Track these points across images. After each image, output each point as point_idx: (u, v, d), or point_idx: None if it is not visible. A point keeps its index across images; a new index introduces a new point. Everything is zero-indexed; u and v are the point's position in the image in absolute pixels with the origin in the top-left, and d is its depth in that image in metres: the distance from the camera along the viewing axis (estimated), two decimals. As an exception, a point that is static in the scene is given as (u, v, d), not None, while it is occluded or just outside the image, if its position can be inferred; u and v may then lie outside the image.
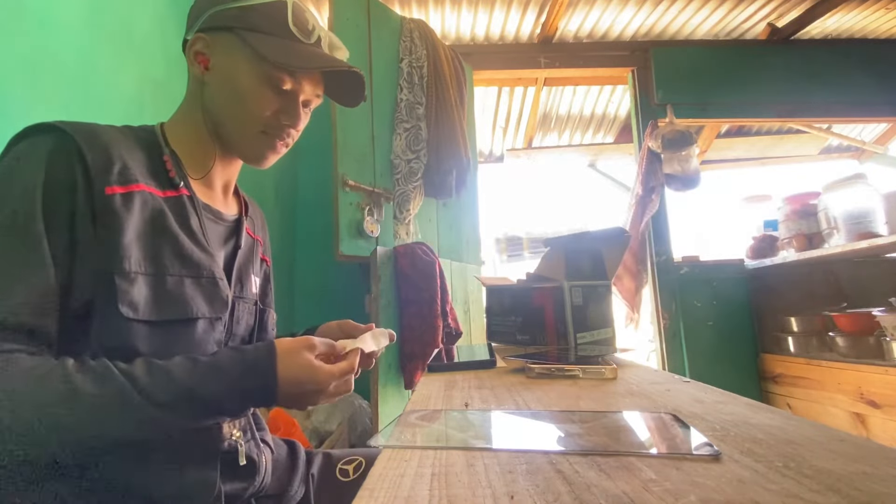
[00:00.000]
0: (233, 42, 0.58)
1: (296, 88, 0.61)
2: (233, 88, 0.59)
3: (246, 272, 0.67)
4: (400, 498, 0.27)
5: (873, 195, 1.89)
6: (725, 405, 0.46)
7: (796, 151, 3.34)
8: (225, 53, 0.59)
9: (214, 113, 0.61)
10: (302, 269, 2.22)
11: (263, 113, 0.59)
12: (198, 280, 0.56)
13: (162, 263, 0.53)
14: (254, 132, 0.61)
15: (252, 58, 0.58)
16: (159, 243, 0.53)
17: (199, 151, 0.62)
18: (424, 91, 1.86)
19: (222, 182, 0.67)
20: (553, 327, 0.79)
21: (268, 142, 0.62)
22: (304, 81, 0.61)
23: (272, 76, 0.58)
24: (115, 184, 0.50)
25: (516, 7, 2.26)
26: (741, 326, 2.25)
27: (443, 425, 0.43)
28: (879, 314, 1.65)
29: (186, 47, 0.61)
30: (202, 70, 0.60)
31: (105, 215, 0.49)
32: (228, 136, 0.62)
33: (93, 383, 0.44)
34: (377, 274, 1.50)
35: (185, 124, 0.62)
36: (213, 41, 0.59)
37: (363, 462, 0.77)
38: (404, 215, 1.75)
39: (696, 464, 0.30)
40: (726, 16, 2.39)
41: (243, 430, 0.62)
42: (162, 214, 0.54)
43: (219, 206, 0.65)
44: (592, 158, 3.45)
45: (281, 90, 0.59)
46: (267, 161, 0.64)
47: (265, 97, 0.59)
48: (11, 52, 0.75)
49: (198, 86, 0.61)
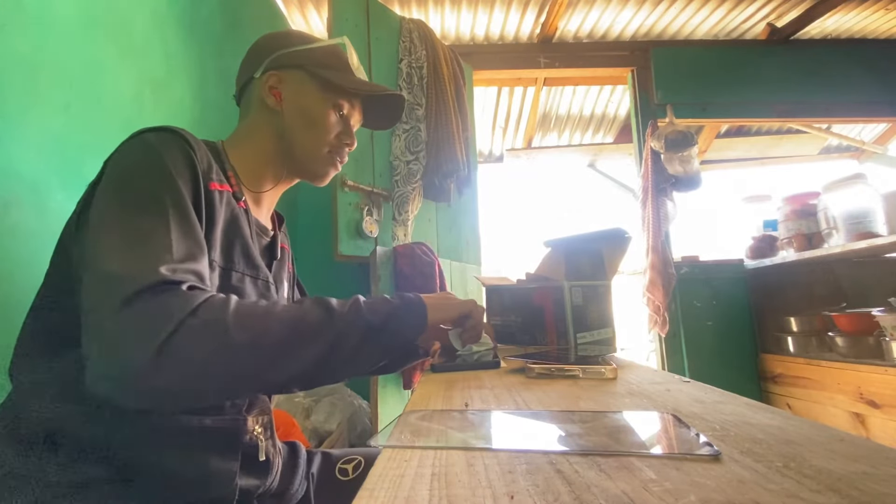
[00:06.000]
0: (303, 77, 0.69)
1: (350, 113, 0.72)
2: (306, 115, 0.69)
3: (280, 281, 0.73)
4: (400, 498, 0.27)
5: (873, 195, 1.88)
6: (725, 405, 0.46)
7: (796, 151, 3.34)
8: (298, 86, 0.69)
9: (287, 138, 0.69)
10: (301, 269, 2.21)
11: (330, 135, 0.70)
12: (255, 280, 0.63)
13: (232, 259, 0.60)
14: (322, 152, 0.70)
15: (321, 88, 0.69)
16: (233, 241, 0.60)
17: (259, 172, 0.69)
18: (424, 92, 1.86)
19: (269, 203, 0.74)
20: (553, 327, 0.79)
21: (331, 160, 0.72)
22: (356, 108, 0.73)
23: (336, 103, 0.70)
24: (214, 181, 0.58)
25: (516, 7, 2.25)
26: (741, 326, 2.25)
27: (443, 425, 0.43)
28: (879, 314, 1.65)
29: (254, 83, 0.70)
30: (276, 101, 0.68)
31: (209, 206, 0.56)
32: (300, 157, 0.70)
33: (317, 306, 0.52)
34: (376, 274, 1.50)
35: (250, 147, 0.69)
36: (284, 77, 0.69)
37: (362, 461, 0.77)
38: (403, 217, 1.75)
39: (696, 464, 0.30)
40: (726, 16, 2.39)
41: (264, 427, 0.64)
42: (237, 216, 0.62)
43: (264, 222, 0.71)
44: (592, 158, 3.45)
45: (341, 115, 0.71)
46: (328, 177, 0.74)
47: (331, 121, 0.70)
48: (11, 52, 0.75)
49: (268, 115, 0.69)
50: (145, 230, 0.47)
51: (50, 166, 0.81)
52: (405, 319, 0.56)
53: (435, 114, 1.84)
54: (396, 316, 0.55)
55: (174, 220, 0.49)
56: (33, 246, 0.76)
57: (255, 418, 0.61)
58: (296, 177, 0.74)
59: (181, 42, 1.25)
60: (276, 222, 0.77)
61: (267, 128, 0.69)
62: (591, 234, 0.96)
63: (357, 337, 0.52)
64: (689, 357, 2.22)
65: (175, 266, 0.46)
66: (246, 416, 0.59)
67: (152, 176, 0.51)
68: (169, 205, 0.50)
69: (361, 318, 0.53)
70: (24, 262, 0.75)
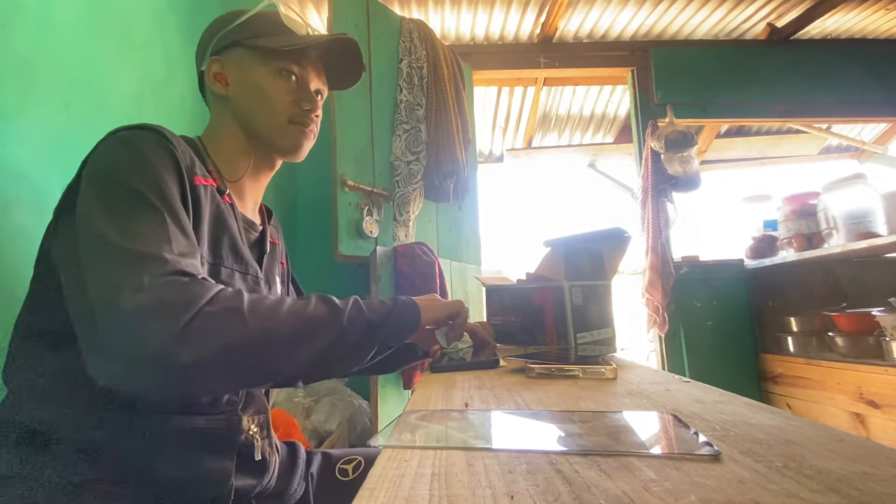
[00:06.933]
0: (242, 53, 0.66)
1: (304, 75, 0.67)
2: (253, 90, 0.65)
3: (271, 276, 0.72)
4: (400, 498, 0.27)
5: (873, 195, 1.88)
6: (725, 405, 0.46)
7: (796, 151, 3.34)
8: (238, 64, 0.66)
9: (244, 117, 0.67)
10: (301, 269, 2.21)
11: (284, 102, 0.66)
12: (244, 276, 0.62)
13: (220, 255, 0.59)
14: (282, 123, 0.66)
15: (261, 58, 0.65)
16: (220, 236, 0.59)
17: (235, 162, 0.68)
18: (424, 92, 1.86)
19: (254, 196, 0.72)
20: (553, 327, 0.79)
21: (297, 130, 0.68)
22: (309, 69, 0.68)
23: (281, 68, 0.65)
24: (198, 175, 0.57)
25: (516, 7, 2.25)
26: (741, 326, 2.25)
27: (443, 425, 0.43)
28: (879, 314, 1.65)
29: (204, 76, 0.68)
30: (224, 87, 0.66)
31: (195, 202, 0.55)
32: (262, 134, 0.67)
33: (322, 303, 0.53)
34: (376, 274, 1.50)
35: (220, 138, 0.68)
36: (225, 59, 0.66)
37: (362, 462, 0.77)
38: (405, 217, 1.75)
39: (696, 464, 0.30)
40: (726, 16, 2.39)
41: (260, 426, 0.63)
42: (223, 211, 0.60)
43: (250, 216, 0.70)
44: (592, 158, 3.45)
45: (291, 79, 0.66)
46: (302, 149, 0.70)
47: (281, 87, 0.66)
48: (11, 52, 0.75)
49: (222, 102, 0.67)
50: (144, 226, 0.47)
51: (50, 166, 0.81)
52: (401, 319, 0.59)
53: (435, 114, 1.84)
54: (393, 315, 0.58)
55: (169, 216, 0.49)
56: (33, 246, 0.76)
57: (251, 418, 0.61)
58: (272, 156, 0.71)
59: (181, 42, 1.25)
60: (264, 216, 0.76)
61: (226, 115, 0.67)
62: (591, 233, 0.96)
63: (358, 332, 0.54)
64: (689, 357, 2.21)
65: (180, 259, 0.47)
66: (241, 415, 0.59)
67: (139, 174, 0.50)
68: (159, 202, 0.49)
69: (363, 316, 0.55)
70: (23, 262, 0.75)
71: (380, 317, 0.57)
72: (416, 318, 0.61)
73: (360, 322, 0.54)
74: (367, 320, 0.55)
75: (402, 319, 0.60)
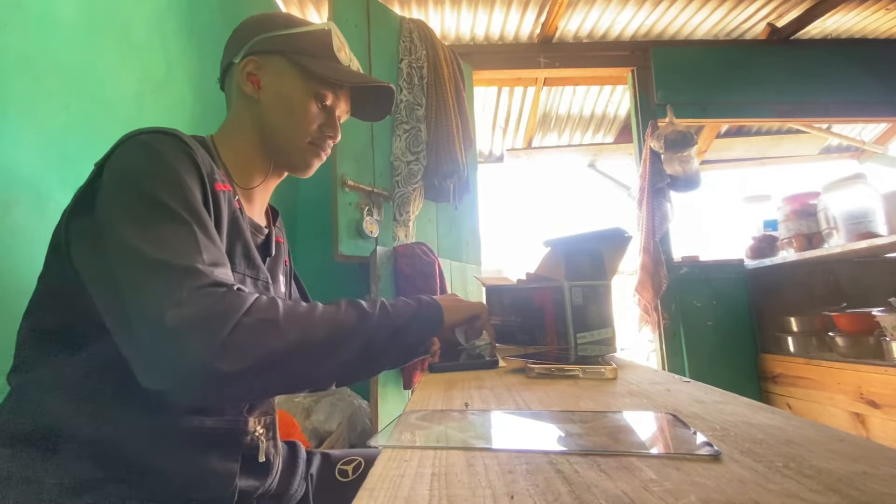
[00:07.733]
0: (284, 64, 0.65)
1: (335, 104, 0.69)
2: (286, 103, 0.65)
3: (276, 276, 0.73)
4: (400, 498, 0.27)
5: (873, 195, 1.88)
6: (725, 405, 0.46)
7: (796, 151, 3.34)
8: (276, 74, 0.65)
9: (267, 127, 0.66)
10: (301, 269, 2.21)
11: (311, 126, 0.67)
12: (255, 281, 0.63)
13: (234, 261, 0.59)
14: (303, 143, 0.68)
15: (302, 76, 0.65)
16: (235, 242, 0.59)
17: (248, 167, 0.68)
18: (424, 92, 1.86)
19: (261, 200, 0.72)
20: (553, 327, 0.79)
21: (314, 151, 0.69)
22: (341, 98, 0.70)
23: (318, 93, 0.66)
24: (218, 181, 0.57)
25: (516, 7, 2.25)
26: (741, 326, 2.25)
27: (443, 425, 0.43)
28: (879, 314, 1.65)
29: (234, 69, 0.66)
30: (255, 89, 0.65)
31: (216, 208, 0.55)
32: (280, 148, 0.68)
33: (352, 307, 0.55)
34: (376, 274, 1.50)
35: (236, 140, 0.67)
36: (264, 62, 0.65)
37: (362, 462, 0.77)
38: (405, 217, 1.75)
39: (696, 464, 0.30)
40: (726, 16, 2.39)
41: (266, 427, 0.63)
42: (237, 216, 0.60)
43: (257, 219, 0.70)
44: (592, 158, 3.45)
45: (324, 105, 0.67)
46: (311, 169, 0.71)
47: (313, 110, 0.66)
48: (11, 52, 0.75)
49: (248, 103, 0.67)
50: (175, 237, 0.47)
51: (50, 166, 0.81)
52: (426, 320, 0.61)
53: (435, 114, 1.84)
54: (418, 317, 0.60)
55: (197, 226, 0.49)
56: (33, 246, 0.76)
57: (257, 419, 0.61)
58: (281, 169, 0.72)
59: (181, 42, 1.25)
60: (269, 217, 0.76)
61: (248, 118, 0.67)
62: (591, 233, 0.96)
63: (385, 337, 0.56)
64: (689, 357, 2.22)
65: (213, 269, 0.47)
66: (247, 416, 0.59)
67: (165, 182, 0.50)
68: (187, 212, 0.49)
69: (389, 320, 0.56)
70: (24, 262, 0.75)
71: (405, 319, 0.58)
72: (440, 320, 0.63)
73: (387, 326, 0.56)
74: (393, 324, 0.57)
75: (426, 321, 0.61)
